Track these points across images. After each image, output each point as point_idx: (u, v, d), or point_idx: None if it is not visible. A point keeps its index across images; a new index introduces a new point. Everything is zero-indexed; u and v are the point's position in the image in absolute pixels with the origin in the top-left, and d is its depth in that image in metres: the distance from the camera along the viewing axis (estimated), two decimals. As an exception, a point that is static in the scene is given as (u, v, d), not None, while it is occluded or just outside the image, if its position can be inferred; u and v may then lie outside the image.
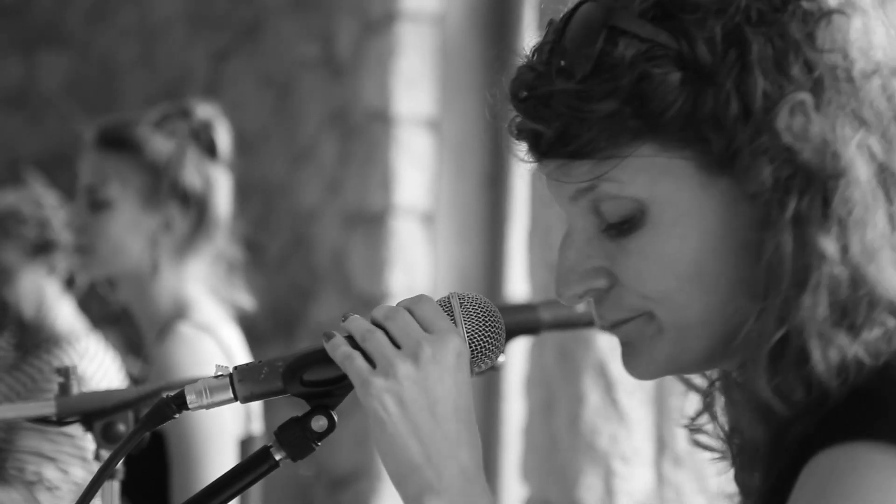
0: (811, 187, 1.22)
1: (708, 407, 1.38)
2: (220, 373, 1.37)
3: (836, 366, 1.21)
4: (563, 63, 1.27)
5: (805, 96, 1.22)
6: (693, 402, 1.41)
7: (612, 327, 1.33)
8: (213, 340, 2.79)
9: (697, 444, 1.40)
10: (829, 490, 1.16)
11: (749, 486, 1.31)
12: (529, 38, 1.34)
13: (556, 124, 1.27)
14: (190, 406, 1.36)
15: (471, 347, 1.36)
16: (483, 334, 1.37)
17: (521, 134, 1.31)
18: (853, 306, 1.21)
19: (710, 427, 1.39)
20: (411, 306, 1.35)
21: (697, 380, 1.39)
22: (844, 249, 1.21)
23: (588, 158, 1.27)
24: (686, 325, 1.28)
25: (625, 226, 1.28)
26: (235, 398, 1.37)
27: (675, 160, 1.26)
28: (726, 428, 1.35)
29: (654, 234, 1.27)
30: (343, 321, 1.37)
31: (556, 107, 1.26)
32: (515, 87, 1.31)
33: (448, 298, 1.38)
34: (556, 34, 1.30)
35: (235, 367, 1.37)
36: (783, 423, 1.23)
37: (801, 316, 1.21)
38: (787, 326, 1.22)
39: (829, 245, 1.21)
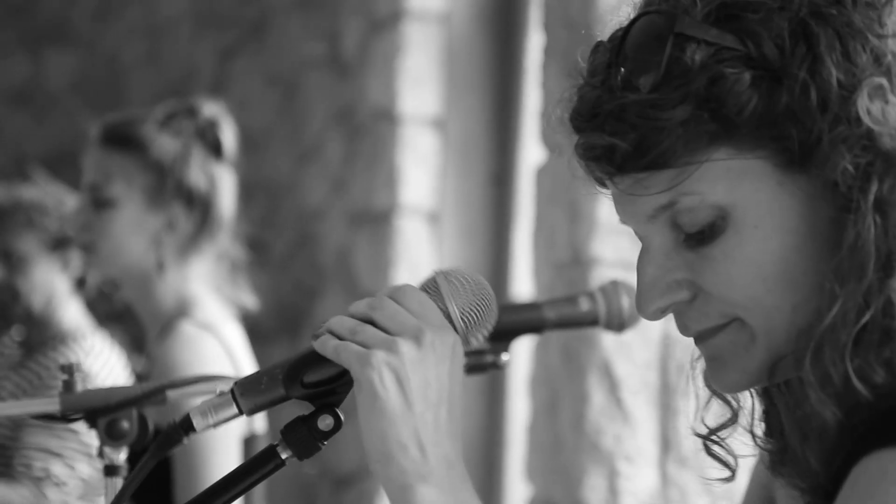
0: (891, 171, 1.23)
1: (734, 418, 1.37)
2: (221, 390, 1.38)
3: None
4: (629, 76, 1.27)
5: (882, 80, 1.23)
6: (694, 404, 1.40)
7: (699, 339, 1.32)
8: (215, 339, 2.79)
9: (711, 454, 1.39)
10: (875, 494, 1.16)
11: (806, 476, 1.29)
12: (574, 64, 1.33)
13: (632, 136, 1.26)
14: (197, 429, 1.37)
15: (462, 321, 1.37)
16: (473, 308, 1.37)
17: (592, 152, 1.29)
18: None
19: (727, 438, 1.39)
20: (396, 296, 1.35)
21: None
22: None
23: (666, 168, 1.26)
24: (775, 327, 1.28)
25: (706, 234, 1.28)
26: (241, 412, 1.37)
27: (752, 161, 1.26)
28: (761, 433, 1.35)
29: (737, 238, 1.27)
30: (324, 325, 1.36)
31: (630, 119, 1.26)
32: (581, 107, 1.30)
33: (434, 278, 1.38)
34: (614, 51, 1.29)
35: (235, 383, 1.38)
36: (857, 412, 1.22)
37: (887, 298, 1.21)
38: (873, 310, 1.22)
39: None
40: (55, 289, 3.65)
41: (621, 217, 1.33)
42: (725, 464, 1.39)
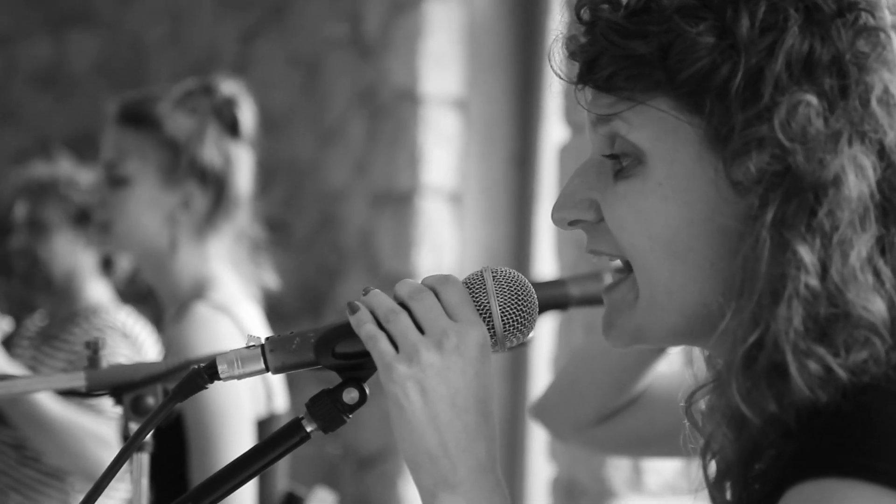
0: (799, 193, 1.20)
1: (686, 412, 1.36)
2: (251, 343, 1.37)
3: (818, 382, 1.18)
4: None
5: (811, 98, 1.21)
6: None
7: (605, 291, 1.34)
8: (230, 320, 2.78)
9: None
10: None
11: (720, 501, 1.28)
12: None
13: (591, 51, 1.29)
14: (222, 376, 1.36)
15: (503, 322, 1.36)
16: (515, 309, 1.36)
17: (573, 54, 1.32)
18: (832, 324, 1.18)
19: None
20: (437, 288, 1.35)
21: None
22: (825, 266, 1.19)
23: (609, 92, 1.28)
24: (655, 293, 1.28)
25: (624, 168, 1.29)
26: (267, 369, 1.37)
27: (683, 123, 1.26)
28: (703, 435, 1.32)
29: (642, 185, 1.28)
30: (364, 295, 1.36)
31: (598, 33, 1.28)
32: (579, 5, 1.32)
33: (481, 273, 1.37)
34: None
35: (267, 338, 1.37)
36: (757, 439, 1.20)
37: (776, 326, 1.19)
38: (760, 332, 1.19)
39: (807, 255, 1.18)
40: (77, 262, 3.67)
41: (568, 112, 1.36)
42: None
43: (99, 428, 3.31)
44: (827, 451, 1.15)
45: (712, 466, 1.25)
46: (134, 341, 3.52)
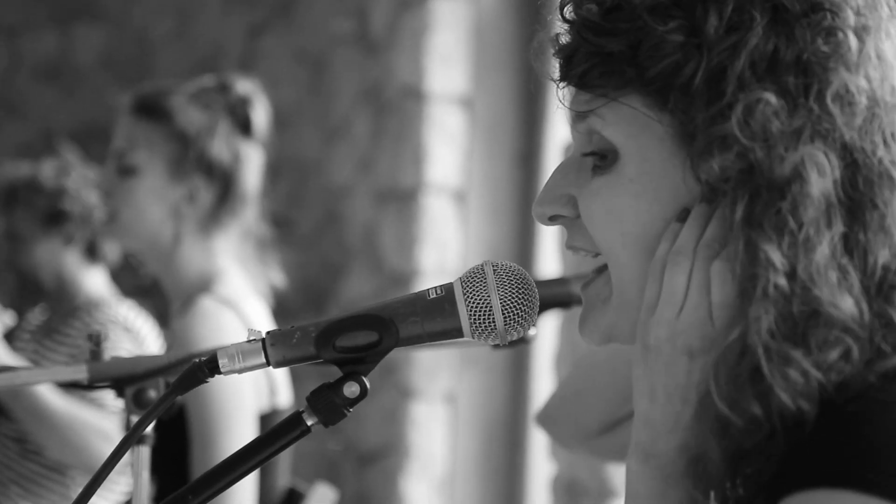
0: (762, 192, 1.20)
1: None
2: (252, 337, 1.37)
3: (798, 386, 1.18)
4: None
5: (770, 96, 1.21)
6: None
7: (582, 287, 1.34)
8: (235, 314, 2.78)
9: None
10: None
11: None
12: None
13: (568, 48, 1.30)
14: (222, 370, 1.36)
15: (503, 316, 1.36)
16: (516, 303, 1.36)
17: (554, 51, 1.34)
18: (804, 324, 1.19)
19: None
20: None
21: None
22: (792, 265, 1.19)
23: (584, 89, 1.29)
24: (626, 290, 1.28)
25: (600, 163, 1.30)
26: (268, 363, 1.37)
27: (653, 121, 1.26)
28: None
29: (614, 181, 1.28)
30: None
31: (574, 31, 1.30)
32: (563, 4, 1.33)
33: (481, 266, 1.38)
34: None
35: (268, 332, 1.37)
36: (741, 441, 1.20)
37: (750, 327, 1.19)
38: (739, 332, 1.20)
39: (775, 255, 1.19)
40: (62, 263, 3.66)
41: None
42: None
43: (101, 422, 3.31)
44: (818, 462, 1.15)
45: (699, 471, 1.24)
46: (136, 335, 3.52)
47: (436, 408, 4.59)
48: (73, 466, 3.44)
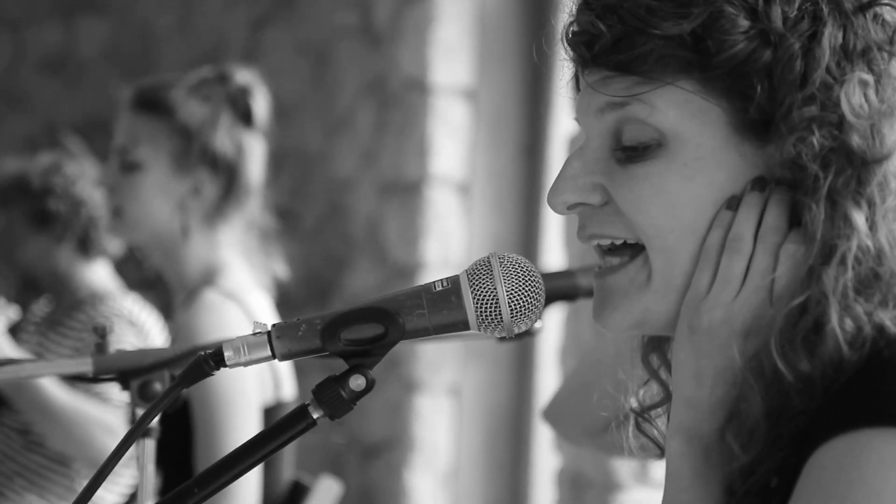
0: (850, 165, 1.25)
1: (667, 398, 1.38)
2: (258, 330, 1.36)
3: (850, 335, 1.22)
4: None
5: (869, 77, 1.26)
6: None
7: (600, 275, 1.33)
8: (239, 308, 2.78)
9: (642, 431, 1.41)
10: (834, 482, 1.16)
11: (734, 461, 1.28)
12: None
13: (617, 29, 1.29)
14: (228, 363, 1.36)
15: (510, 308, 1.35)
16: (522, 295, 1.36)
17: (578, 36, 1.32)
18: (876, 281, 1.23)
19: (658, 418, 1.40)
20: None
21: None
22: (872, 227, 1.24)
23: (632, 74, 1.28)
24: (673, 274, 1.29)
25: (639, 152, 1.29)
26: (273, 356, 1.36)
27: (712, 105, 1.27)
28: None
29: (665, 167, 1.28)
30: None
31: (625, 14, 1.28)
32: None
33: (487, 258, 1.37)
34: None
35: (273, 325, 1.37)
36: (785, 396, 1.23)
37: (823, 286, 1.23)
38: (809, 294, 1.23)
39: (860, 218, 1.23)
40: (55, 261, 3.66)
41: (576, 111, 1.35)
42: (655, 443, 1.41)
43: (105, 416, 3.31)
44: (856, 404, 1.18)
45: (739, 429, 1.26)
46: (140, 328, 3.52)
47: (440, 401, 4.59)
48: (77, 459, 3.44)
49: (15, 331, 3.56)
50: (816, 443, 1.18)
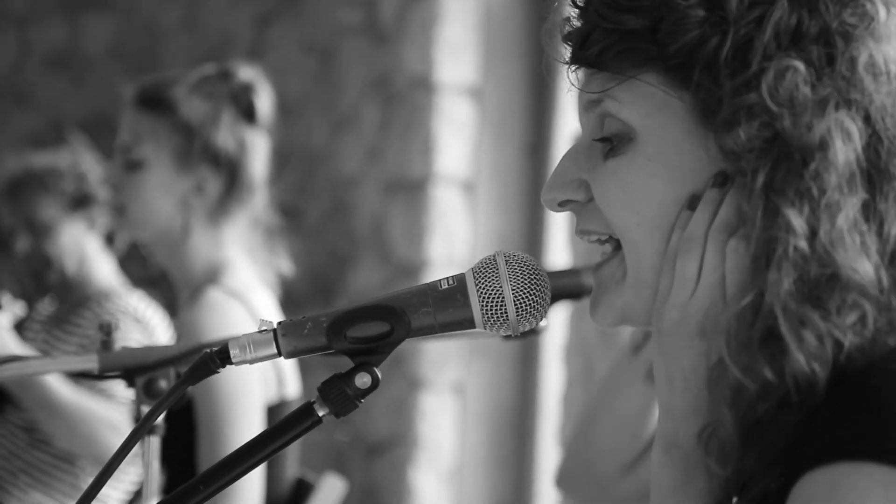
0: (787, 159, 1.21)
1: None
2: (263, 328, 1.36)
3: (812, 349, 1.19)
4: None
5: (798, 64, 1.22)
6: None
7: (595, 269, 1.34)
8: (243, 306, 2.77)
9: None
10: None
11: (715, 476, 1.26)
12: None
13: (584, 28, 1.30)
14: (234, 360, 1.36)
15: (516, 307, 1.35)
16: (528, 294, 1.36)
17: (564, 37, 1.33)
18: (823, 287, 1.20)
19: None
20: None
21: None
22: (813, 229, 1.20)
23: (601, 69, 1.29)
24: (642, 269, 1.29)
25: (613, 145, 1.30)
26: (279, 353, 1.36)
27: (673, 98, 1.27)
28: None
29: (630, 161, 1.28)
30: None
31: (590, 12, 1.30)
32: None
33: (493, 257, 1.37)
34: None
35: (279, 323, 1.37)
36: (754, 407, 1.21)
37: (767, 289, 1.20)
38: (753, 297, 1.21)
39: (796, 219, 1.20)
40: (85, 248, 3.67)
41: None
42: None
43: (109, 413, 3.31)
44: (835, 435, 1.15)
45: (713, 443, 1.25)
46: (146, 326, 3.52)
47: (444, 398, 4.59)
48: (82, 456, 3.45)
49: (20, 328, 3.56)
50: (800, 469, 1.16)
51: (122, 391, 3.32)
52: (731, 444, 1.22)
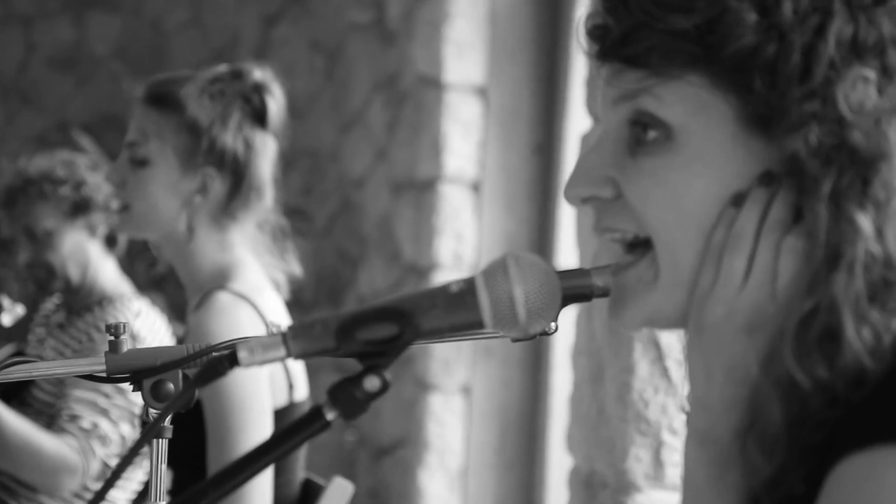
0: (853, 165, 1.23)
1: None
2: (272, 330, 1.35)
3: (869, 345, 1.20)
4: None
5: (870, 73, 1.24)
6: None
7: (615, 272, 1.34)
8: (251, 308, 2.77)
9: None
10: (851, 501, 1.15)
11: (759, 472, 1.27)
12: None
13: (626, 23, 1.29)
14: (242, 363, 1.35)
15: (526, 307, 1.34)
16: (538, 296, 1.35)
17: (592, 30, 1.33)
18: (886, 287, 1.22)
19: None
20: None
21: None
22: (879, 231, 1.22)
23: (640, 68, 1.28)
24: (679, 270, 1.28)
25: (648, 144, 1.29)
26: (288, 355, 1.36)
27: (719, 100, 1.27)
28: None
29: (671, 161, 1.28)
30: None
31: (633, 7, 1.28)
32: None
33: (503, 259, 1.36)
34: None
35: (289, 325, 1.36)
36: (805, 404, 1.22)
37: (832, 292, 1.21)
38: (816, 300, 1.22)
39: (865, 222, 1.22)
40: (88, 255, 3.64)
41: (589, 104, 1.35)
42: None
43: (60, 450, 3.29)
44: (877, 420, 1.17)
45: (759, 437, 1.25)
46: (150, 329, 3.52)
47: (452, 400, 4.58)
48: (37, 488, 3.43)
49: (24, 330, 3.55)
50: (838, 456, 1.17)
51: (131, 393, 3.31)
52: (778, 440, 1.23)
